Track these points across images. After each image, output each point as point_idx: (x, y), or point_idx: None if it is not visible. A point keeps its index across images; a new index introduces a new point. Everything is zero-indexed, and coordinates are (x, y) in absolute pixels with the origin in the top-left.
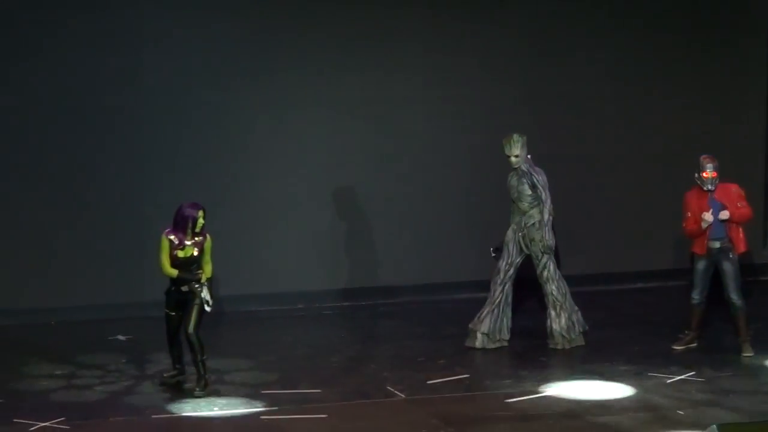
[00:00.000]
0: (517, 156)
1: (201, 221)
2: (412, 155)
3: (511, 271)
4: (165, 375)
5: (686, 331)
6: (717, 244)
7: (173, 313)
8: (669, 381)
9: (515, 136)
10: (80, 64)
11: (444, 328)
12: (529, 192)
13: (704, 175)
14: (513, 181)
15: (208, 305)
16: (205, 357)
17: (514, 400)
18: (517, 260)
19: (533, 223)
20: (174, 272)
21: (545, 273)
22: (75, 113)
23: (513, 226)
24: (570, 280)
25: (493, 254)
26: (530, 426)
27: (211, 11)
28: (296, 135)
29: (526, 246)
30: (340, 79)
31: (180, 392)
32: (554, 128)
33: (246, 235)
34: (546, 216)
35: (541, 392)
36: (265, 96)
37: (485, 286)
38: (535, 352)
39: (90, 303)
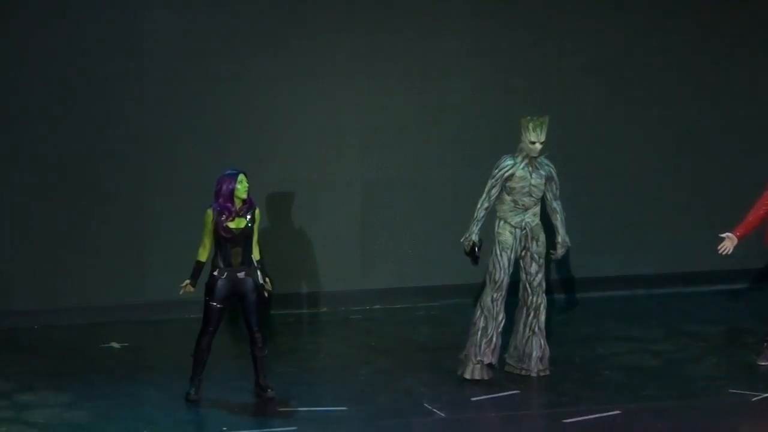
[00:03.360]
0: (543, 143)
1: (244, 185)
2: (455, 133)
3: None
4: (192, 394)
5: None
6: None
7: (221, 306)
8: (754, 399)
9: (546, 118)
10: (67, 27)
11: None
12: (542, 186)
13: None
14: (524, 172)
15: (267, 291)
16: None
17: (572, 420)
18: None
19: (537, 222)
20: (204, 257)
21: (539, 277)
22: (62, 86)
23: (510, 229)
24: (640, 281)
25: (476, 256)
26: None
27: None
28: (324, 110)
29: (524, 248)
30: (374, 46)
31: (187, 409)
32: (642, 115)
33: (262, 225)
34: (563, 217)
35: (604, 412)
36: (290, 66)
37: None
38: (597, 366)
39: (81, 305)
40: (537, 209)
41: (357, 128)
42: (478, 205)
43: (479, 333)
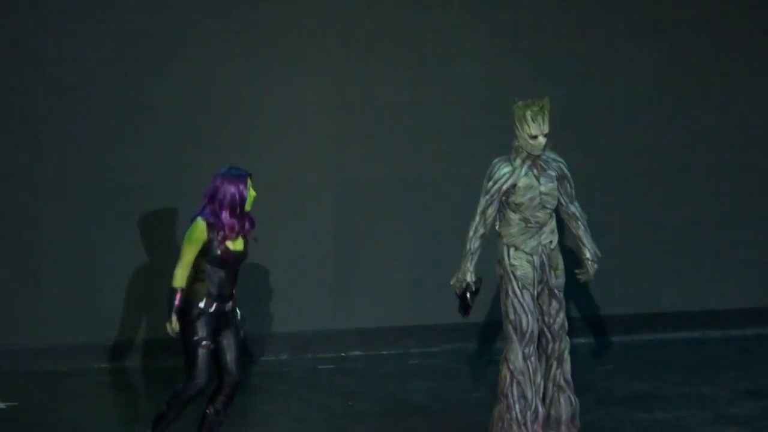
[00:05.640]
0: (546, 135)
1: (252, 193)
2: (461, 118)
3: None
4: None
5: None
6: None
7: (214, 345)
8: None
9: (548, 101)
10: None
11: None
12: (556, 192)
13: None
14: (528, 178)
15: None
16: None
17: None
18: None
19: (556, 245)
20: (185, 283)
21: (561, 318)
22: None
23: (527, 258)
24: (713, 318)
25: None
26: None
27: None
28: (284, 88)
29: (540, 281)
30: (351, 5)
31: None
32: (719, 117)
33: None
34: (585, 222)
35: None
36: (238, 26)
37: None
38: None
39: None
40: (554, 224)
41: (327, 111)
42: (470, 233)
43: (517, 405)
